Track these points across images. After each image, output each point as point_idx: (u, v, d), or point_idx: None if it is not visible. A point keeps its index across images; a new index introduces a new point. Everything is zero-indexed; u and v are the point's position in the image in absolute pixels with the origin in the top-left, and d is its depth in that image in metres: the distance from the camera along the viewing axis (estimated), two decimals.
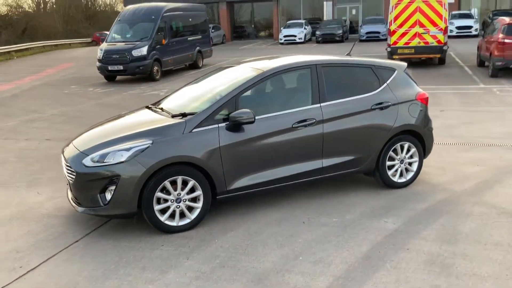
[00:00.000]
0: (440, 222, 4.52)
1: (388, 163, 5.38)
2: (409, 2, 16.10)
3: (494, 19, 27.38)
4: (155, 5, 17.82)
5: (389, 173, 5.41)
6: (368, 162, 5.27)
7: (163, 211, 4.42)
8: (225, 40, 35.39)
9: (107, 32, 51.06)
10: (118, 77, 17.35)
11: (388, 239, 4.20)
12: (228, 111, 4.62)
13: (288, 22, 32.60)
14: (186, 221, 4.52)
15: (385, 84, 5.41)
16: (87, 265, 3.95)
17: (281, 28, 32.31)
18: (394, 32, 16.39)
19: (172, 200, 4.42)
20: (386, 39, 28.24)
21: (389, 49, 16.55)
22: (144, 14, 17.38)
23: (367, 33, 28.29)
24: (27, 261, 4.03)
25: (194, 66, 19.52)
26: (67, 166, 4.60)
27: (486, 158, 6.51)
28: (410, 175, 5.53)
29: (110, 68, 16.31)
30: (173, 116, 4.73)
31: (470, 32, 27.02)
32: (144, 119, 5.02)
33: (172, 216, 4.46)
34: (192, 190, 4.49)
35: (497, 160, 6.40)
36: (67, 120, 10.42)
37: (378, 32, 28.17)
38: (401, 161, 5.45)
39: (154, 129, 4.52)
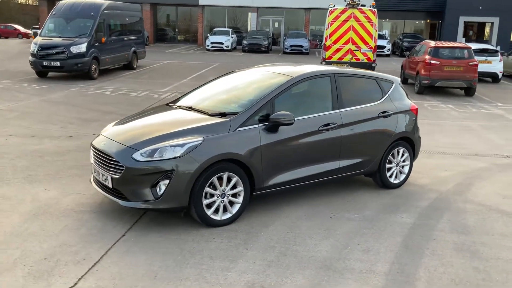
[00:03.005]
0: (446, 217, 5.20)
1: (387, 165, 6.01)
2: (343, 21, 17.27)
3: (405, 40, 30.14)
4: (93, 1, 17.25)
5: (387, 174, 6.03)
6: (372, 164, 5.85)
7: (208, 206, 4.59)
8: (148, 42, 34.79)
9: (13, 25, 47.07)
10: (51, 74, 16.50)
11: (413, 231, 4.78)
12: (265, 113, 4.92)
13: (214, 29, 32.96)
14: (227, 215, 4.73)
15: (387, 95, 6.04)
16: (153, 256, 4.02)
17: (208, 35, 32.59)
18: (329, 47, 17.47)
19: (218, 195, 4.62)
20: (308, 53, 29.95)
21: (323, 63, 17.61)
22: (82, 9, 16.73)
23: (291, 46, 29.58)
24: (86, 254, 3.99)
25: (128, 66, 19.12)
26: (110, 160, 4.58)
27: (448, 164, 7.42)
28: (402, 177, 6.20)
29: (45, 63, 15.44)
30: (211, 115, 4.92)
31: (384, 51, 29.37)
32: (178, 116, 5.14)
33: (215, 210, 4.65)
34: (234, 186, 4.71)
35: (459, 166, 7.34)
36: (21, 116, 9.83)
37: (302, 46, 29.63)
38: (397, 164, 6.11)
39: (201, 127, 4.67)
